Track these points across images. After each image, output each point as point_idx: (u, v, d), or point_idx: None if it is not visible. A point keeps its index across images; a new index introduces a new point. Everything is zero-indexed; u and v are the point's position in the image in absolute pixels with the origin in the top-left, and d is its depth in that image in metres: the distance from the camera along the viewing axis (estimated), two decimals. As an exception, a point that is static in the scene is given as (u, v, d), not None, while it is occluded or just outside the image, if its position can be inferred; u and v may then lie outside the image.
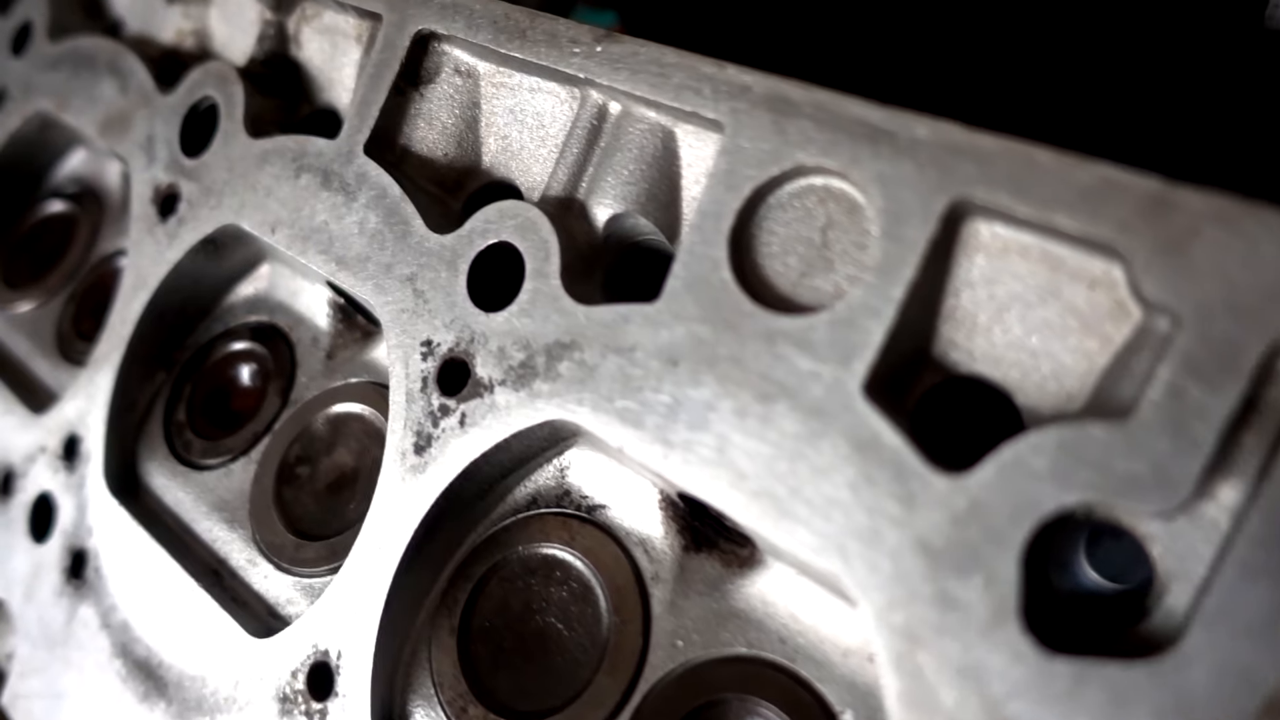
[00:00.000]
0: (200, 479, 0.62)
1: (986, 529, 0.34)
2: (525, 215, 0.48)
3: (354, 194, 0.55)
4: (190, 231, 0.63)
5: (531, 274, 0.47)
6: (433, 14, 0.54)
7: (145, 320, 0.65)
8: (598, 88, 0.49)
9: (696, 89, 0.44)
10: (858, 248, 0.40)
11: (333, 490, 0.58)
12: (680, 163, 0.47)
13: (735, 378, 0.40)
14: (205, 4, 0.72)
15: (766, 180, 0.42)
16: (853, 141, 0.40)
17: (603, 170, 0.49)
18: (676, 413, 0.42)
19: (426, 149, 0.57)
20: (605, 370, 0.44)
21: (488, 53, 0.53)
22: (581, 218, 0.49)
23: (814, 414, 0.38)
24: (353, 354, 0.62)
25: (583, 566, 0.48)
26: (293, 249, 0.57)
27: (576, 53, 0.48)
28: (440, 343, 0.50)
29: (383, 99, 0.55)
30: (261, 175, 0.60)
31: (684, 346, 0.42)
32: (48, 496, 0.66)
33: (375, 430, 0.58)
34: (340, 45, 0.63)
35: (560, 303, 0.46)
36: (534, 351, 0.46)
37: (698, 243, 0.43)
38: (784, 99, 0.42)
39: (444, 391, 0.49)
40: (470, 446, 0.48)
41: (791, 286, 0.41)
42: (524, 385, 0.47)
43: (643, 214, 0.48)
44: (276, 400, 0.62)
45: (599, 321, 0.45)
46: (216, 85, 0.64)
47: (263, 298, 0.67)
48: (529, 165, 0.54)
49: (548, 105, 0.53)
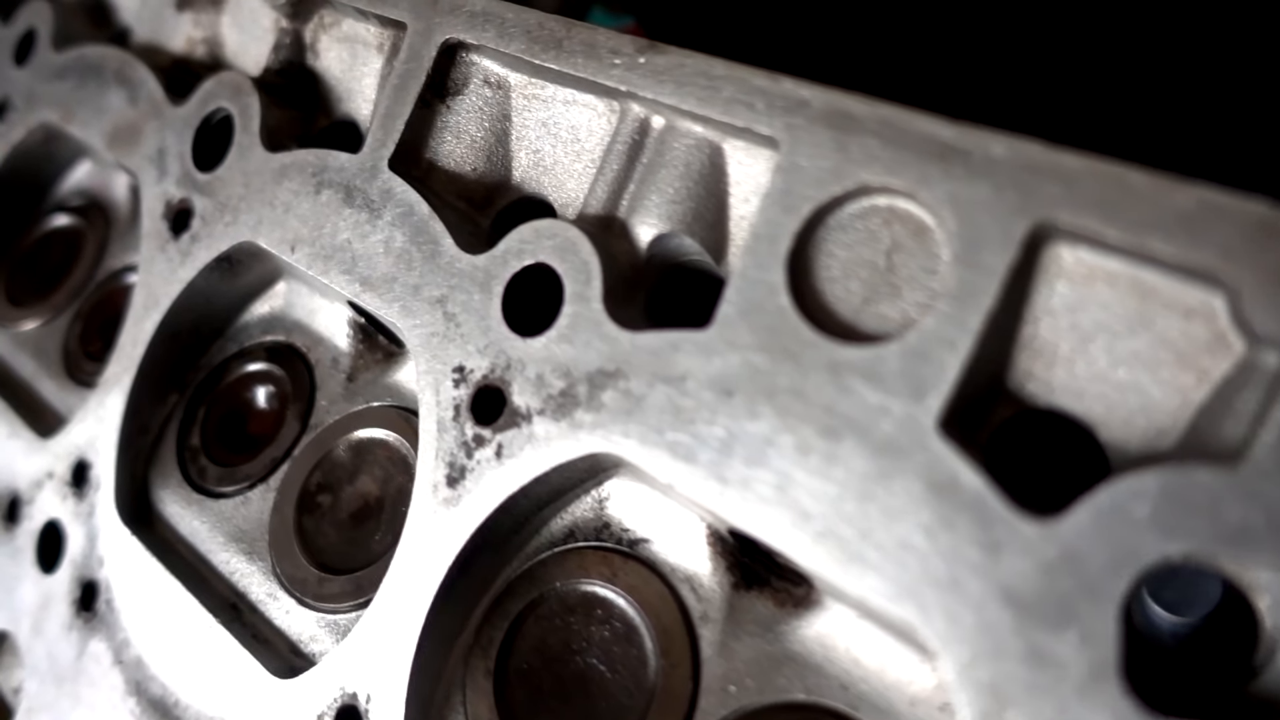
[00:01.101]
0: (216, 507, 0.60)
1: (1082, 580, 0.31)
2: (564, 235, 0.46)
3: (378, 211, 0.53)
4: (204, 249, 0.61)
5: (571, 297, 0.45)
6: (461, 23, 0.52)
7: (157, 341, 0.62)
8: (640, 101, 0.46)
9: (748, 103, 0.42)
10: (926, 272, 0.38)
11: (356, 520, 0.55)
12: (728, 180, 0.45)
13: (796, 411, 0.38)
14: (217, 11, 0.70)
15: (827, 200, 0.39)
16: (921, 160, 0.37)
17: (645, 187, 0.47)
18: (732, 447, 0.39)
19: (454, 163, 0.54)
20: (653, 401, 0.42)
21: (520, 63, 0.51)
22: (623, 237, 0.47)
23: (884, 451, 0.36)
24: (375, 376, 0.59)
25: (626, 605, 0.46)
26: (313, 269, 0.55)
27: (617, 64, 0.46)
28: (473, 369, 0.47)
29: (408, 111, 0.53)
30: (280, 191, 0.57)
31: (739, 377, 0.40)
32: (56, 524, 0.63)
33: (400, 457, 0.55)
34: (360, 54, 0.61)
35: (603, 328, 0.44)
36: (575, 380, 0.44)
37: (752, 266, 0.40)
38: (845, 114, 0.39)
39: (478, 420, 0.47)
40: (508, 479, 0.45)
41: (854, 313, 0.39)
42: (565, 415, 0.44)
43: (688, 234, 0.45)
44: (295, 424, 0.60)
45: (646, 349, 0.42)
46: (231, 96, 0.62)
47: (279, 316, 0.64)
48: (563, 181, 0.52)
49: (584, 118, 0.50)
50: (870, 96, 0.39)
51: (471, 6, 0.52)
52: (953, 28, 0.86)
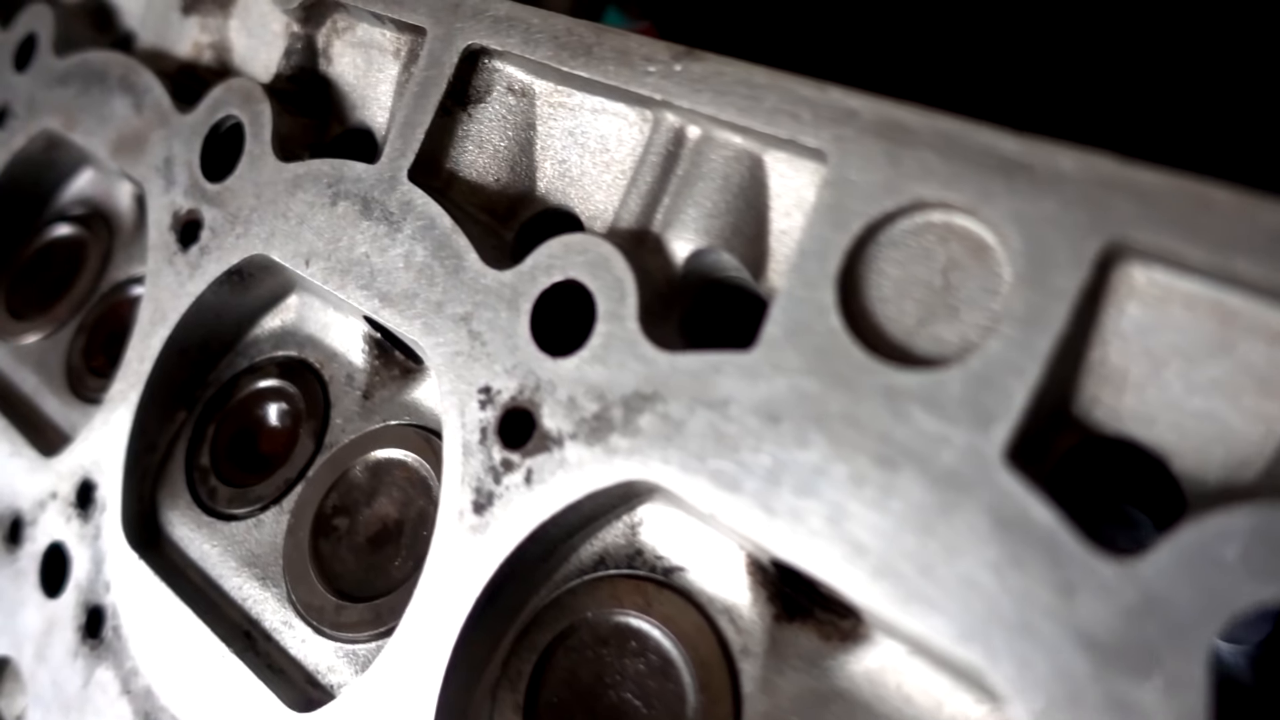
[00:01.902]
0: (228, 530, 0.58)
1: (1166, 625, 0.29)
2: (595, 250, 0.44)
3: (398, 224, 0.51)
4: (214, 262, 0.59)
5: (605, 316, 0.43)
6: (484, 28, 0.50)
7: (165, 357, 0.60)
8: (675, 110, 0.44)
9: (793, 114, 0.40)
10: (987, 293, 0.36)
11: (374, 544, 0.53)
12: (769, 193, 0.43)
13: (849, 439, 0.36)
14: (225, 16, 0.68)
15: (879, 216, 0.37)
16: (982, 175, 0.35)
17: (681, 201, 0.45)
18: (779, 477, 0.37)
19: (476, 174, 0.52)
20: (694, 426, 0.40)
21: (546, 70, 0.49)
22: (657, 253, 0.45)
23: (945, 483, 0.34)
24: (391, 394, 0.57)
25: (661, 636, 0.44)
26: (330, 283, 0.53)
27: (652, 72, 0.44)
28: (501, 390, 0.45)
29: (428, 120, 0.51)
30: (293, 202, 0.55)
31: (786, 402, 0.38)
32: (60, 547, 0.61)
33: (420, 479, 0.53)
34: (375, 60, 0.59)
35: (638, 349, 0.42)
36: (610, 402, 0.42)
37: (799, 285, 0.38)
38: (898, 126, 0.37)
39: (506, 444, 0.45)
40: (539, 507, 0.43)
41: (908, 335, 0.37)
42: (599, 440, 0.42)
43: (727, 249, 0.43)
44: (309, 444, 0.58)
45: (685, 371, 0.40)
46: (241, 103, 0.59)
47: (291, 331, 0.62)
48: (590, 193, 0.50)
49: (613, 128, 0.48)
50: (922, 106, 0.37)
51: (495, 11, 0.50)
52: (977, 29, 0.84)
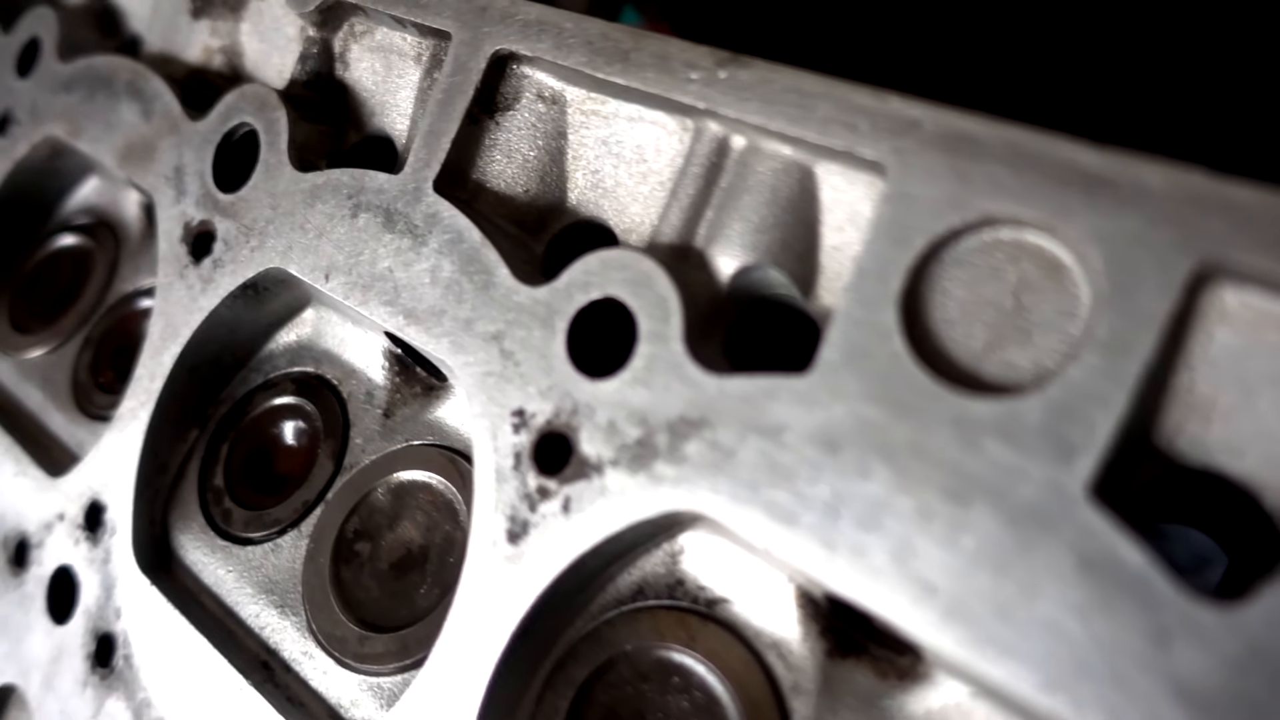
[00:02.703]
0: (244, 555, 0.56)
1: (1275, 678, 0.27)
2: (636, 267, 0.42)
3: (423, 237, 0.48)
4: (228, 276, 0.56)
5: (647, 336, 0.41)
6: (513, 32, 0.48)
7: (177, 374, 0.58)
8: (720, 119, 0.42)
9: (849, 124, 0.38)
10: (1063, 315, 0.34)
11: (398, 571, 0.51)
12: (820, 207, 0.41)
13: (916, 471, 0.34)
14: (236, 19, 0.66)
15: (944, 233, 0.35)
16: (1059, 190, 0.33)
17: (726, 214, 0.42)
18: (839, 510, 0.35)
19: (504, 185, 0.50)
20: (746, 455, 0.37)
21: (579, 77, 0.47)
22: (700, 269, 0.43)
23: (1023, 519, 0.32)
24: (413, 412, 0.55)
25: (706, 672, 0.42)
26: (351, 299, 0.50)
27: (694, 79, 0.42)
28: (535, 413, 0.43)
29: (455, 129, 0.49)
30: (312, 214, 0.53)
31: (846, 430, 0.36)
32: (68, 571, 0.59)
33: (445, 502, 0.51)
34: (395, 65, 0.57)
35: (684, 371, 0.40)
36: (653, 428, 0.40)
37: (858, 306, 0.36)
38: (964, 137, 0.35)
39: (542, 470, 0.42)
40: (578, 537, 0.41)
41: (976, 360, 0.35)
42: (642, 467, 0.40)
43: (775, 266, 0.41)
44: (328, 464, 0.55)
45: (735, 396, 0.38)
46: (255, 111, 0.57)
47: (307, 346, 0.60)
48: (625, 204, 0.48)
49: (650, 137, 0.46)
50: (991, 116, 0.35)
51: (525, 15, 0.48)
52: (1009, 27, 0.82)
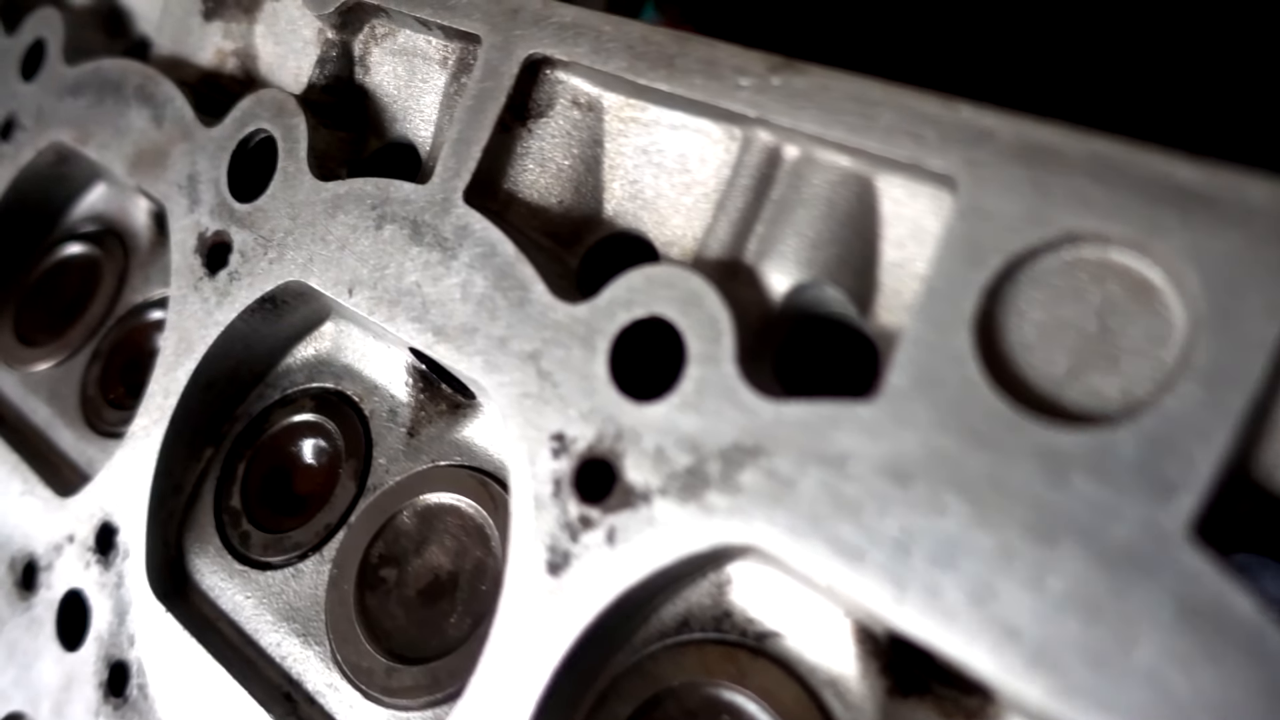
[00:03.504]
0: (263, 580, 0.53)
1: None
2: (684, 284, 0.39)
3: (453, 251, 0.46)
4: (245, 289, 0.54)
5: (697, 358, 0.39)
6: (548, 36, 0.46)
7: (191, 390, 0.56)
8: (771, 128, 0.40)
9: (916, 134, 0.36)
10: (1154, 341, 0.31)
11: (426, 599, 0.49)
12: (879, 221, 0.39)
13: (995, 506, 0.32)
14: (250, 21, 0.63)
15: (1022, 251, 0.33)
16: (1151, 205, 0.31)
17: (778, 228, 0.40)
18: (910, 547, 0.33)
19: (537, 195, 0.48)
20: (807, 486, 0.35)
21: (618, 83, 0.45)
22: (751, 286, 0.41)
23: (1116, 561, 0.30)
24: (439, 431, 0.53)
25: (759, 711, 0.40)
26: (376, 315, 0.48)
27: (745, 86, 0.40)
28: (576, 437, 0.41)
29: (486, 137, 0.47)
30: (334, 225, 0.51)
31: (916, 461, 0.33)
32: (79, 595, 0.57)
33: (475, 526, 0.49)
34: (419, 70, 0.54)
35: (737, 395, 0.38)
36: (705, 455, 0.38)
37: (928, 328, 0.34)
38: (1044, 148, 0.33)
39: (585, 498, 0.40)
40: (625, 570, 0.39)
41: (1057, 387, 0.33)
42: (693, 497, 0.38)
43: (832, 283, 0.39)
44: (351, 485, 0.53)
45: (793, 423, 0.36)
46: (273, 116, 0.55)
47: (326, 361, 0.58)
48: (666, 216, 0.45)
49: (693, 146, 0.44)
50: (1072, 125, 0.33)
51: (560, 18, 0.45)
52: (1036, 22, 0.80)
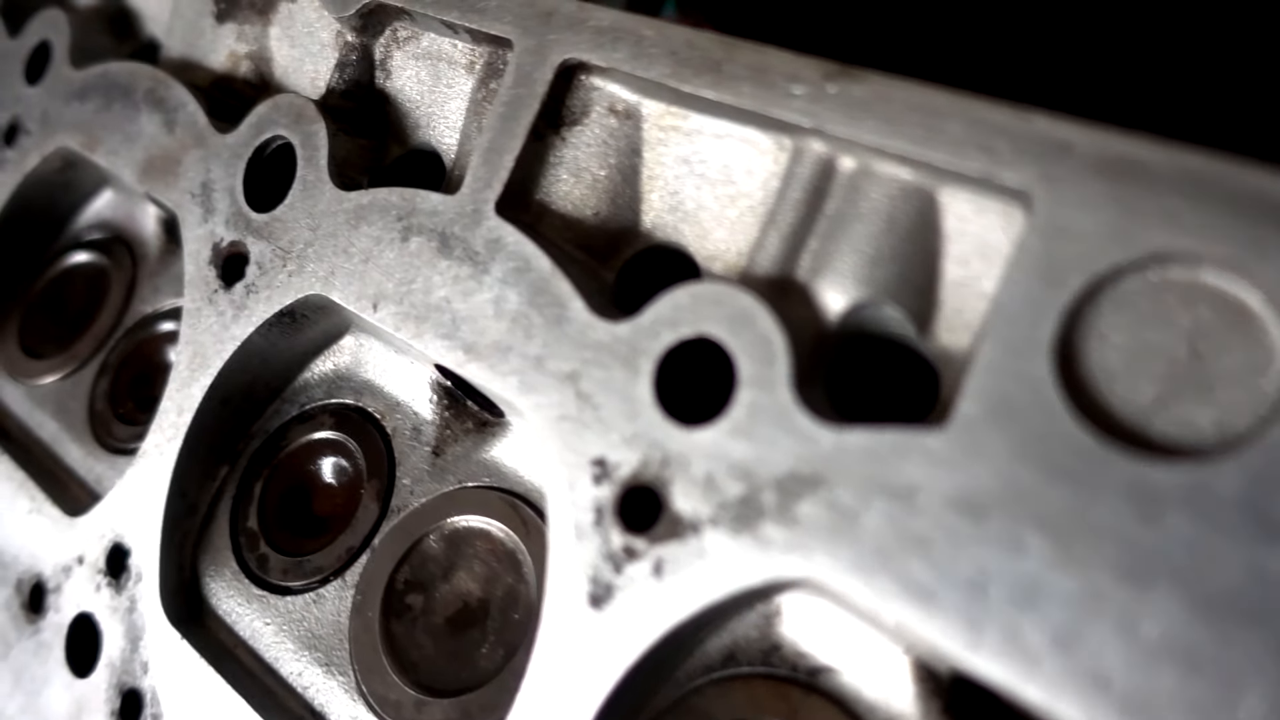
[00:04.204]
0: (283, 605, 0.51)
1: None
2: (734, 303, 0.37)
3: (484, 265, 0.44)
4: (263, 302, 0.52)
5: (749, 381, 0.37)
6: (584, 41, 0.44)
7: (207, 406, 0.54)
8: (825, 138, 0.38)
9: (986, 146, 0.34)
10: (1253, 369, 0.29)
11: (455, 627, 0.47)
12: (941, 237, 0.37)
13: (1081, 546, 0.30)
14: (264, 23, 0.61)
15: (1106, 271, 0.31)
16: (1248, 225, 0.29)
17: (833, 244, 0.38)
18: (986, 587, 0.31)
19: (571, 206, 0.46)
20: (872, 520, 0.33)
21: (659, 90, 0.43)
22: (804, 305, 0.39)
23: (1219, 607, 0.28)
24: (466, 450, 0.51)
25: (813, 752, 0.38)
26: (403, 331, 0.46)
27: (798, 95, 0.38)
28: (619, 463, 0.39)
29: (519, 146, 0.45)
30: (357, 236, 0.49)
31: (992, 495, 0.31)
32: (89, 619, 0.55)
33: (506, 551, 0.47)
34: (444, 74, 0.52)
35: (792, 421, 0.36)
36: (758, 485, 0.36)
37: (1002, 352, 0.32)
38: (1128, 162, 0.31)
39: (628, 527, 0.38)
40: (673, 605, 0.37)
41: (1144, 417, 0.31)
42: (746, 528, 0.36)
43: (891, 302, 0.37)
44: (373, 507, 0.51)
45: (855, 451, 0.34)
46: (291, 123, 0.53)
47: (345, 376, 0.56)
48: (708, 229, 0.43)
49: (739, 156, 0.42)
50: (1157, 137, 0.31)
51: (597, 21, 0.43)
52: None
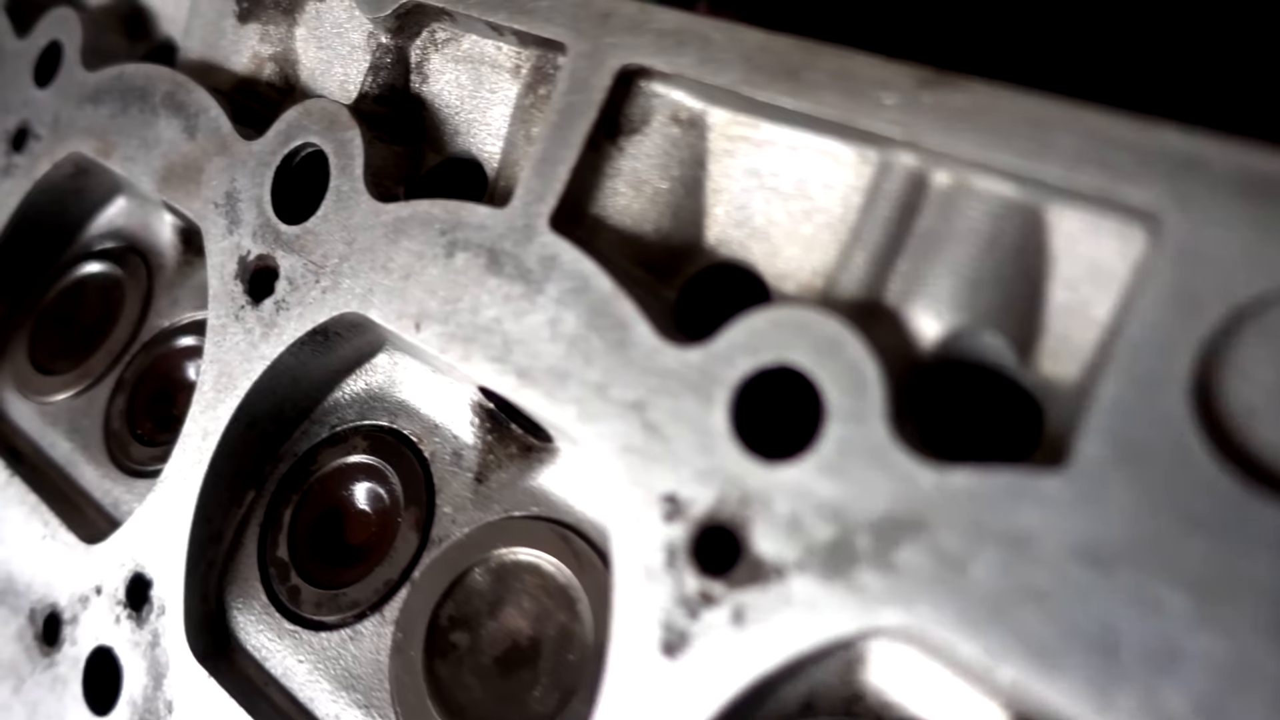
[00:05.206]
0: (317, 642, 0.48)
1: None
2: (821, 328, 0.35)
3: (538, 284, 0.41)
4: (294, 320, 0.49)
5: (838, 414, 0.34)
6: (646, 44, 0.41)
7: (233, 430, 0.51)
8: (918, 151, 0.35)
9: (1105, 161, 0.31)
10: None
11: (504, 668, 0.44)
12: (1047, 257, 0.34)
13: (1227, 606, 0.27)
14: (290, 24, 0.58)
15: (1249, 300, 0.28)
16: None
17: (926, 265, 0.36)
18: (1116, 647, 0.28)
19: (630, 221, 0.43)
20: (982, 569, 0.31)
21: (728, 97, 0.40)
22: (894, 331, 0.36)
23: (1390, 674, 0.25)
24: (511, 477, 0.48)
25: (904, 814, 0.35)
26: (449, 353, 0.43)
27: (889, 104, 0.35)
28: (691, 499, 0.36)
29: (574, 156, 0.42)
30: (396, 251, 0.46)
31: (1119, 545, 0.29)
32: (108, 652, 0.52)
33: (558, 588, 0.44)
34: (487, 79, 0.49)
35: (888, 459, 0.33)
36: (851, 527, 0.33)
37: (1130, 388, 0.29)
38: (1271, 180, 0.28)
39: (704, 570, 0.36)
40: (757, 655, 0.34)
41: (1291, 459, 0.28)
42: (838, 574, 0.33)
43: (993, 328, 0.34)
44: (413, 537, 0.48)
45: (961, 493, 0.31)
46: (324, 130, 0.50)
47: (379, 396, 0.53)
48: (779, 246, 0.41)
49: (816, 168, 0.39)
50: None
51: (660, 24, 0.41)
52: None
